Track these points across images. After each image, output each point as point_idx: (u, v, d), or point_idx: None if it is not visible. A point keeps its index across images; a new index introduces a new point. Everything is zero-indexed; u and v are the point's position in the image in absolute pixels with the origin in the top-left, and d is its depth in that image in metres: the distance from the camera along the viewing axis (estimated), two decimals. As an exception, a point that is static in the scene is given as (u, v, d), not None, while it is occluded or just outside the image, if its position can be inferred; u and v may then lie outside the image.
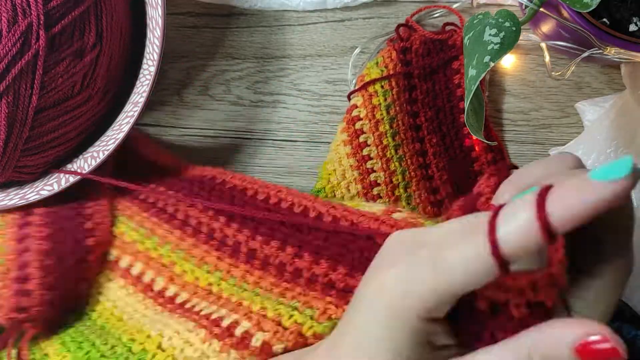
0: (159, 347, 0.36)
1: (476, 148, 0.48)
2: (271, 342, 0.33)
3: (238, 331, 0.35)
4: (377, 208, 0.40)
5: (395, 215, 0.38)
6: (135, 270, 0.42)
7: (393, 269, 0.23)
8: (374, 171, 0.47)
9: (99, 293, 0.43)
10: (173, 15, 0.52)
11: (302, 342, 0.33)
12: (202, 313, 0.37)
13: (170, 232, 0.43)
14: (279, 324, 0.34)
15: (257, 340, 0.34)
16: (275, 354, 0.34)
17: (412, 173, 0.48)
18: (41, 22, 0.39)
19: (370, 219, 0.36)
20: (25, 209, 0.44)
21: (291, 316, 0.34)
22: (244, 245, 0.39)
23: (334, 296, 0.35)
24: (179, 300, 0.40)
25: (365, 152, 0.48)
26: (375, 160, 0.47)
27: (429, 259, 0.22)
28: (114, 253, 0.43)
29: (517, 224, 0.20)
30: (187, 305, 0.39)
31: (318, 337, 0.33)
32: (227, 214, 0.40)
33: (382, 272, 0.24)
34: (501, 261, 0.20)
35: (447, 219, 0.30)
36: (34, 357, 0.40)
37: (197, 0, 0.52)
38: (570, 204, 0.18)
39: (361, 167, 0.47)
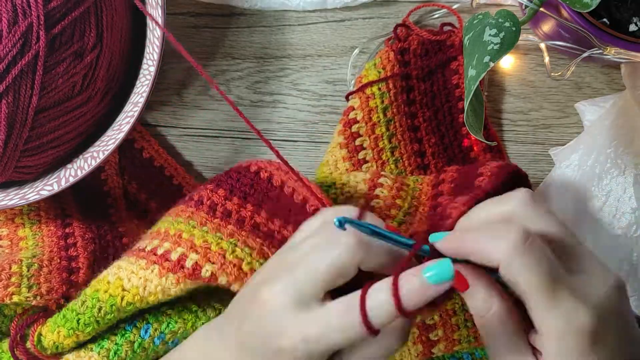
0: (123, 289, 0.39)
1: (475, 148, 0.48)
2: (217, 273, 0.38)
3: (188, 263, 0.38)
4: (361, 177, 0.44)
5: (382, 180, 0.43)
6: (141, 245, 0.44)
7: (287, 339, 0.30)
8: None
9: None
10: (173, 15, 0.52)
11: (241, 276, 0.37)
12: (148, 249, 0.40)
13: (190, 211, 0.44)
14: (224, 256, 0.38)
15: (206, 272, 0.38)
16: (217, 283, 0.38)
17: (410, 174, 0.48)
18: (41, 22, 0.39)
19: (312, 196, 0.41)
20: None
21: (233, 251, 0.39)
22: (220, 206, 0.43)
23: (262, 238, 0.40)
24: (140, 246, 0.42)
25: (360, 155, 0.48)
26: (370, 164, 0.48)
27: (318, 325, 0.30)
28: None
29: (381, 311, 0.29)
30: (140, 247, 0.42)
31: (253, 272, 0.38)
32: (228, 192, 0.44)
33: (280, 342, 0.31)
34: (372, 330, 0.29)
35: (436, 180, 0.42)
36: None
37: (197, 0, 0.52)
38: (415, 298, 0.28)
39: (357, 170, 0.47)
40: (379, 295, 0.29)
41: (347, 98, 0.49)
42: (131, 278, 0.39)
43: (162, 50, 0.44)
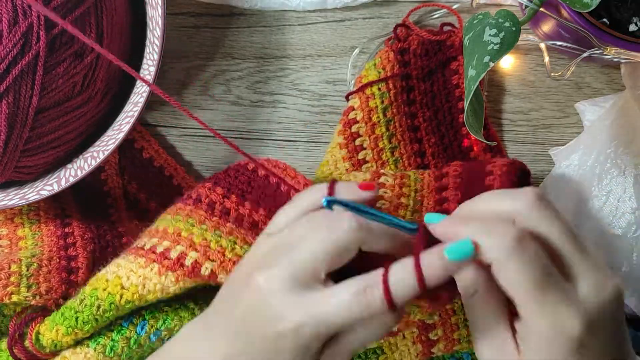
0: (122, 287, 0.39)
1: (475, 148, 0.48)
2: (217, 271, 0.38)
3: (188, 261, 0.38)
4: (362, 177, 0.44)
5: (382, 179, 0.43)
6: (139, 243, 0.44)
7: (292, 319, 0.30)
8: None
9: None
10: (173, 15, 0.52)
11: None
12: (147, 247, 0.40)
13: (188, 209, 0.44)
14: (223, 254, 0.39)
15: (206, 270, 0.38)
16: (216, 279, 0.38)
17: None
18: (42, 23, 0.39)
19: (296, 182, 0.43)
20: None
21: (233, 249, 0.39)
22: (218, 204, 0.43)
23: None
24: (139, 244, 0.42)
25: (360, 155, 0.48)
26: (370, 164, 0.48)
27: (328, 305, 0.30)
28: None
29: (405, 286, 0.29)
30: (139, 245, 0.41)
31: None
32: (226, 190, 0.44)
33: (283, 323, 0.30)
34: (392, 306, 0.29)
35: (439, 173, 0.43)
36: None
37: (197, 0, 0.52)
38: (436, 273, 0.29)
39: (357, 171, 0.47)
40: (400, 271, 0.30)
41: (347, 98, 0.49)
42: (130, 276, 0.39)
43: (162, 50, 0.44)
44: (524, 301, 0.29)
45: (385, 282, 0.30)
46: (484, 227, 0.30)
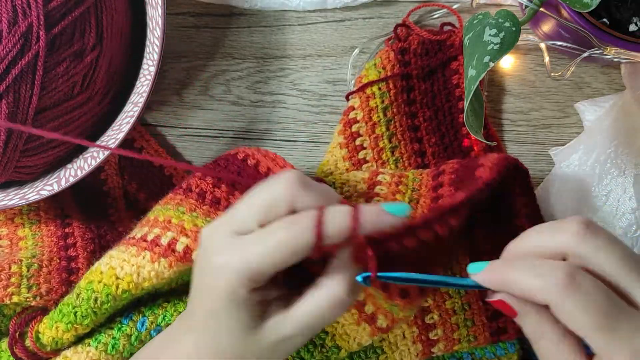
0: (117, 277, 0.39)
1: (475, 148, 0.48)
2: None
3: (179, 247, 0.39)
4: (360, 176, 0.44)
5: (380, 177, 0.43)
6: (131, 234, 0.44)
7: (223, 257, 0.30)
8: None
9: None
10: (173, 15, 0.52)
11: None
12: (137, 237, 0.40)
13: (179, 199, 0.44)
14: None
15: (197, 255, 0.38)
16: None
17: None
18: (41, 23, 0.39)
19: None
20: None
21: None
22: (209, 193, 0.43)
23: None
24: (130, 235, 0.42)
25: (361, 155, 0.48)
26: (370, 164, 0.48)
27: (257, 243, 0.30)
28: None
29: (338, 226, 0.29)
30: (130, 235, 0.42)
31: None
32: (216, 179, 0.44)
33: (216, 260, 0.31)
34: (320, 240, 0.29)
35: (436, 171, 0.43)
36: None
37: (197, 0, 0.52)
38: (371, 221, 0.30)
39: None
40: (336, 211, 0.30)
41: (347, 98, 0.49)
42: (124, 266, 0.39)
43: (162, 50, 0.44)
44: (595, 338, 0.27)
45: (320, 214, 0.29)
46: (531, 268, 0.29)
